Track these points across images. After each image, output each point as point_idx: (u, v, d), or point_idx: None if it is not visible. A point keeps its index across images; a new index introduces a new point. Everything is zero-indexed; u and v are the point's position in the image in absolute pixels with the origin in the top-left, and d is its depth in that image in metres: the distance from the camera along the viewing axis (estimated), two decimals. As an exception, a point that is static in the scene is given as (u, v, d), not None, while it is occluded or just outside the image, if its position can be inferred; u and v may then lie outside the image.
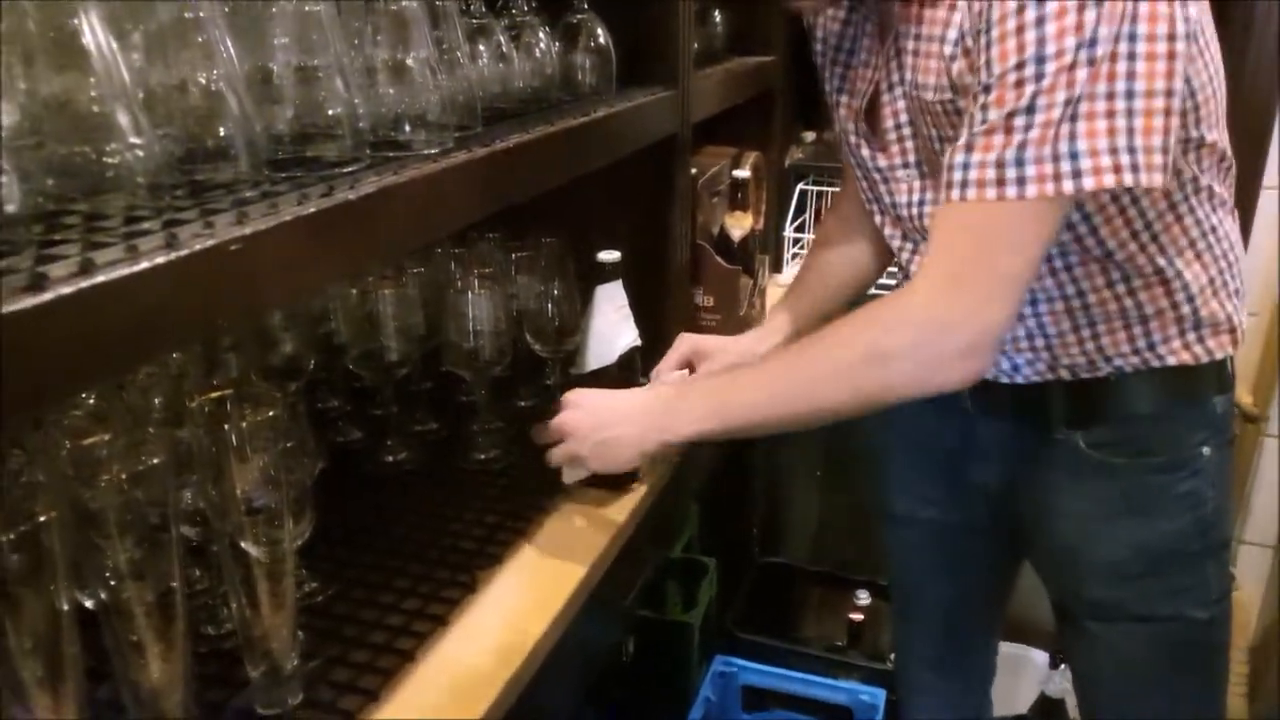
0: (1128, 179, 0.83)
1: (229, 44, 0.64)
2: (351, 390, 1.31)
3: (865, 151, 1.13)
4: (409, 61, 0.79)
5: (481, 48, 1.03)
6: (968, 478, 1.25)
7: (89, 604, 0.72)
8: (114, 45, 0.54)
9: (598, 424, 1.04)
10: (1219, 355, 1.06)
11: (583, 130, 1.05)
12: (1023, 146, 0.83)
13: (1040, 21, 0.81)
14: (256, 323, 1.02)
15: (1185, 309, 1.04)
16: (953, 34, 0.94)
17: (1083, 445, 1.09)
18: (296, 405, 0.99)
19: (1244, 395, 2.10)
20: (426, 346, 1.26)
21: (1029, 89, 0.82)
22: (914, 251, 1.14)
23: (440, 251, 1.27)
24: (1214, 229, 1.04)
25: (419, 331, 1.24)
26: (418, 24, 0.81)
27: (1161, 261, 1.01)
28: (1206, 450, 1.08)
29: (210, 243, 0.54)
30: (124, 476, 0.68)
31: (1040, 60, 0.81)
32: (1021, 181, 0.84)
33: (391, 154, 0.77)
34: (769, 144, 1.98)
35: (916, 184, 1.09)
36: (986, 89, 0.85)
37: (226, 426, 0.75)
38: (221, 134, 0.64)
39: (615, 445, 1.04)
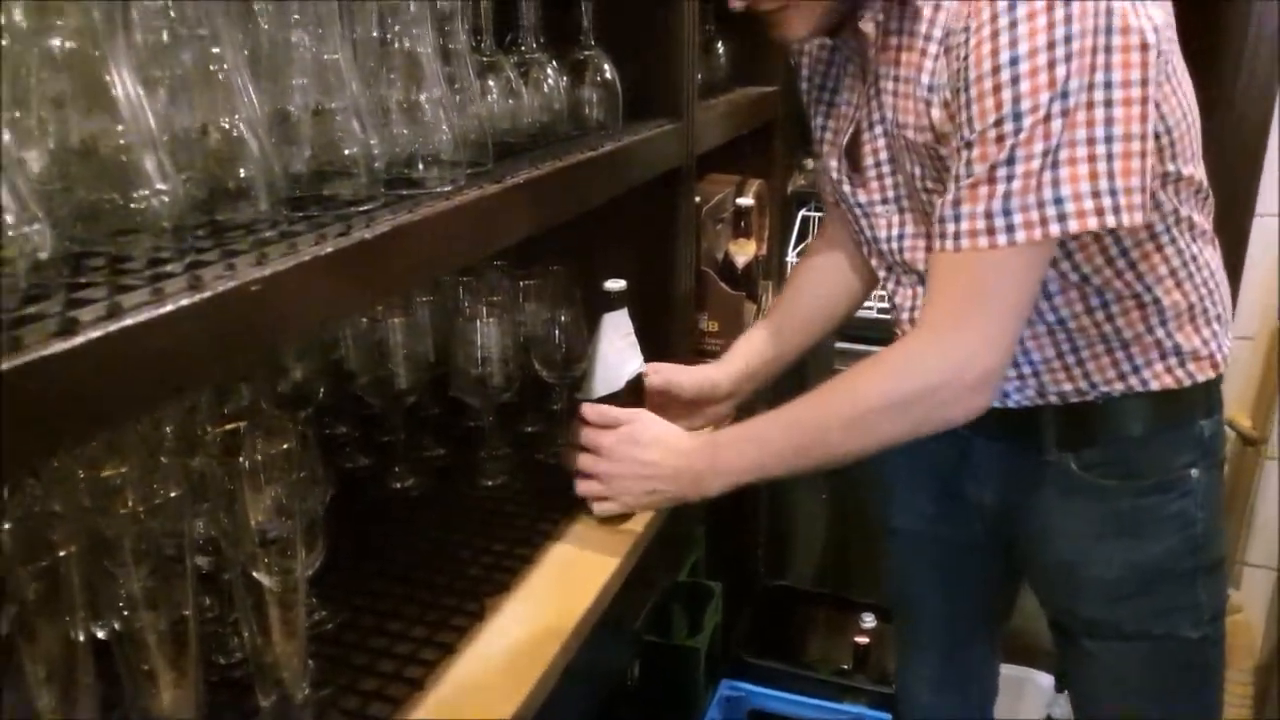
0: (1110, 220, 0.88)
1: (250, 87, 0.66)
2: (359, 416, 1.32)
3: (847, 187, 1.17)
4: (422, 101, 0.81)
5: (491, 83, 1.05)
6: (965, 497, 1.27)
7: (101, 634, 0.73)
8: (141, 92, 0.56)
9: (642, 475, 1.10)
10: (1200, 379, 1.09)
11: (590, 165, 1.07)
12: (1008, 196, 0.88)
13: (1015, 80, 0.86)
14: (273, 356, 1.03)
15: (1162, 334, 1.07)
16: (926, 79, 0.98)
17: (1074, 467, 1.13)
18: (307, 434, 1.00)
19: (1243, 418, 2.11)
20: (435, 373, 1.28)
21: (1008, 143, 0.87)
22: (897, 283, 1.17)
23: (449, 280, 1.29)
24: (1194, 258, 1.07)
25: (427, 359, 1.26)
26: (430, 64, 0.83)
27: (1140, 288, 1.05)
28: (1195, 472, 1.11)
29: (232, 284, 0.56)
30: (141, 509, 0.69)
31: (1017, 116, 0.86)
32: (1010, 229, 0.89)
33: (406, 192, 0.79)
34: (771, 171, 2.00)
35: (895, 219, 1.13)
36: (969, 145, 0.90)
37: (242, 459, 0.76)
38: (242, 175, 0.65)
39: (652, 498, 1.12)
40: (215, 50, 0.64)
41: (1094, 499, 1.13)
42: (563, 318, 1.29)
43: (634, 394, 1.19)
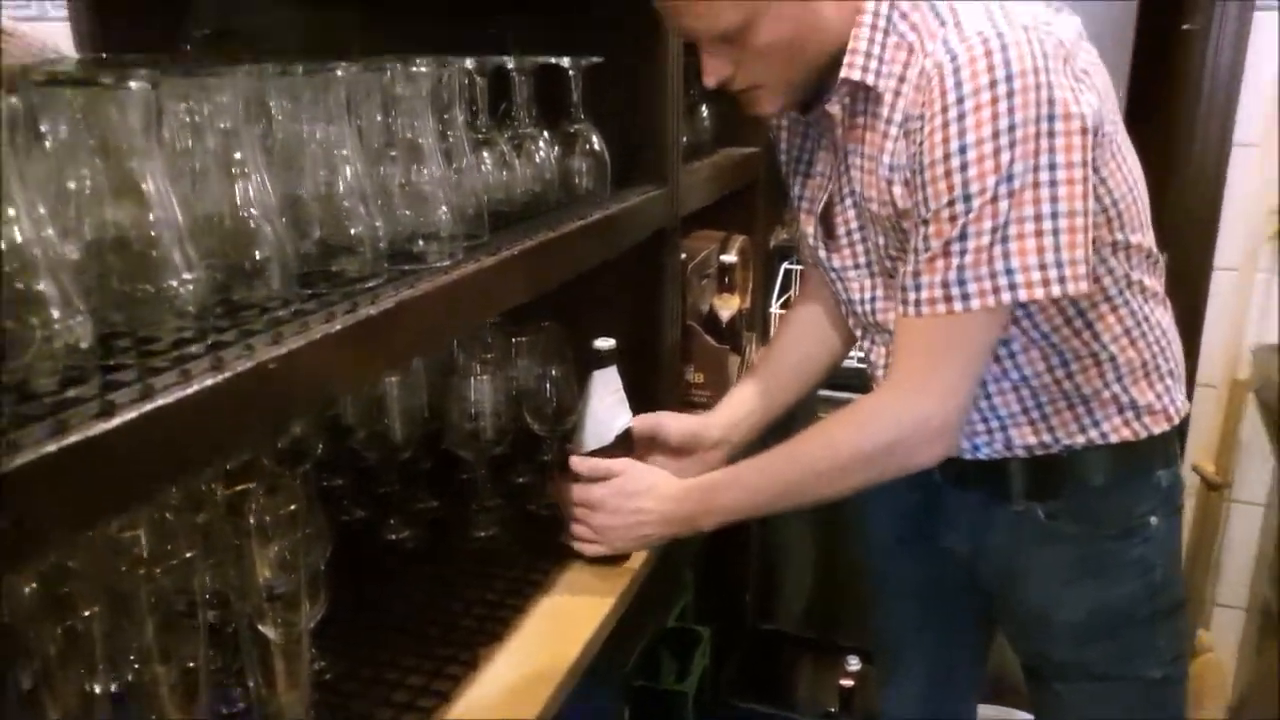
0: (1055, 290, 0.97)
1: (265, 175, 0.72)
2: (356, 469, 1.37)
3: (823, 252, 1.24)
4: (422, 182, 0.87)
5: (486, 156, 1.11)
6: (939, 543, 1.33)
7: (115, 686, 0.77)
8: (169, 189, 0.61)
9: (633, 523, 1.19)
10: (1156, 431, 1.16)
11: (580, 233, 1.13)
12: (961, 269, 0.97)
13: (964, 166, 0.94)
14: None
15: (1118, 389, 1.14)
16: (887, 159, 1.06)
17: (1041, 515, 1.19)
18: (309, 492, 1.05)
19: (1207, 464, 2.17)
20: (429, 427, 1.32)
21: (960, 221, 0.96)
22: (872, 341, 1.24)
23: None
24: (1145, 318, 1.14)
25: (422, 413, 1.31)
26: (429, 147, 0.89)
27: (1096, 347, 1.12)
28: (1154, 520, 1.17)
29: (250, 364, 0.61)
30: (157, 569, 0.74)
31: (967, 198, 0.95)
32: (965, 297, 0.98)
33: (407, 267, 0.85)
34: (754, 226, 2.07)
35: (867, 283, 1.20)
36: (925, 222, 0.99)
37: (250, 518, 0.81)
38: (257, 257, 0.71)
39: (642, 541, 1.22)
40: (234, 142, 0.70)
41: (1060, 546, 1.18)
42: (554, 372, 1.34)
43: (623, 447, 1.24)
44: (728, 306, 1.73)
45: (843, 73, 1.06)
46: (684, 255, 1.64)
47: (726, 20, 1.02)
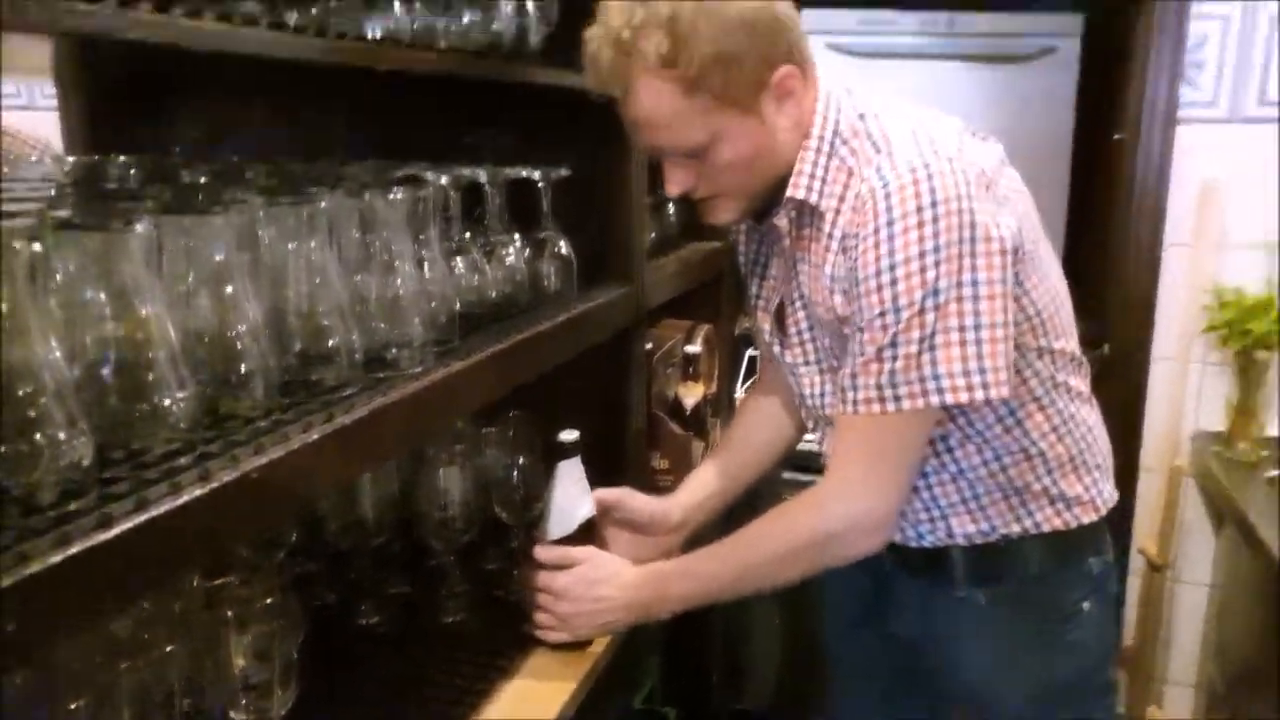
0: (978, 395, 1.06)
1: (251, 294, 0.79)
2: (327, 553, 1.41)
3: (777, 348, 1.33)
4: (397, 294, 0.94)
5: (459, 262, 1.18)
6: (891, 627, 1.39)
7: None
8: (166, 315, 0.68)
9: (596, 610, 1.24)
10: (1085, 521, 1.24)
11: (547, 334, 1.21)
12: (893, 373, 1.06)
13: (894, 281, 1.04)
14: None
15: (1048, 482, 1.22)
16: (829, 269, 1.15)
17: (982, 601, 1.26)
18: (284, 583, 1.09)
19: (1150, 546, 2.25)
20: (400, 513, 1.38)
21: (890, 330, 1.06)
22: (824, 433, 1.32)
23: (416, 429, 1.40)
24: (1072, 416, 1.23)
25: (394, 501, 1.36)
26: (404, 260, 0.97)
27: (1026, 443, 1.20)
28: (1087, 605, 1.25)
29: (235, 474, 0.68)
30: (140, 663, 0.79)
31: (896, 310, 1.05)
32: (897, 399, 1.07)
33: (381, 374, 0.91)
34: (719, 315, 2.16)
35: (817, 379, 1.28)
36: (861, 329, 1.08)
37: (229, 611, 0.86)
38: (242, 370, 0.77)
39: (606, 627, 1.27)
40: (224, 268, 0.77)
41: (1001, 630, 1.25)
42: (521, 462, 1.40)
43: (586, 536, 1.30)
44: (692, 394, 1.80)
45: (789, 191, 1.16)
46: (651, 345, 1.72)
47: (693, 139, 1.10)
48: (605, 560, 1.27)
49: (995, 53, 2.08)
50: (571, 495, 1.30)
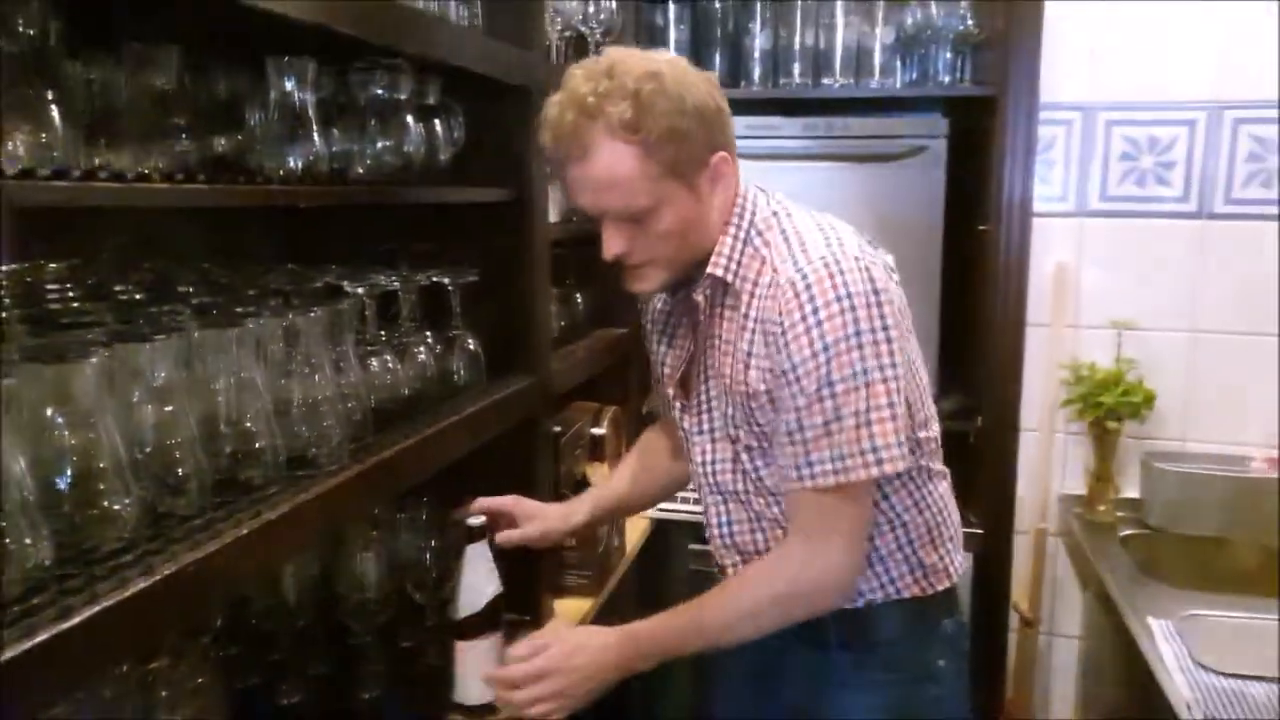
0: (900, 466, 1.21)
1: (188, 407, 0.90)
2: (250, 634, 1.48)
3: (677, 413, 1.45)
4: (316, 399, 1.06)
5: (374, 363, 1.30)
6: (774, 692, 1.49)
7: None
8: (115, 429, 0.79)
9: (582, 679, 1.26)
10: (940, 588, 1.38)
11: (456, 426, 1.33)
12: (841, 446, 1.20)
13: (828, 361, 1.18)
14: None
15: (909, 550, 1.36)
16: (745, 346, 1.27)
17: (850, 665, 1.38)
18: (209, 661, 1.17)
19: (1022, 602, 2.42)
20: (321, 595, 1.46)
21: (829, 406, 1.19)
22: (709, 500, 1.43)
23: (335, 515, 1.50)
24: (931, 491, 1.38)
25: (315, 584, 1.44)
26: (324, 367, 1.08)
27: (892, 515, 1.34)
28: (943, 663, 1.39)
29: (174, 568, 0.78)
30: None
31: (831, 385, 1.18)
32: (848, 470, 1.20)
33: (302, 473, 1.02)
34: (627, 396, 2.30)
35: (709, 447, 1.39)
36: (799, 410, 1.21)
37: (163, 693, 0.95)
38: (180, 474, 0.88)
39: (592, 694, 1.28)
40: (166, 387, 0.88)
41: (868, 691, 1.38)
42: (433, 544, 1.50)
43: (493, 614, 1.40)
44: (598, 474, 1.93)
45: (709, 268, 1.28)
46: (559, 428, 1.85)
47: (639, 203, 1.21)
48: (570, 633, 1.34)
49: (871, 153, 2.29)
50: (479, 575, 1.40)
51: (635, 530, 2.24)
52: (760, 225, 1.29)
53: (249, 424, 0.96)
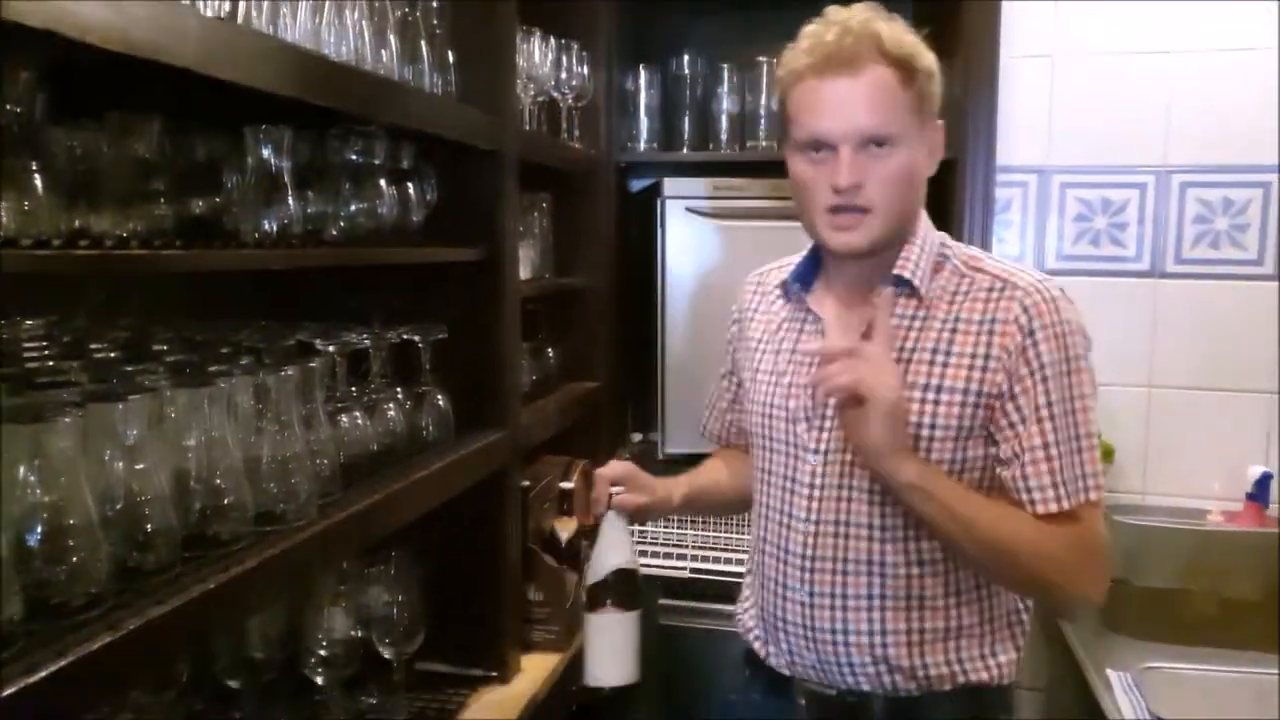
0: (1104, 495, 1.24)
1: (159, 465, 0.92)
2: (216, 689, 1.48)
3: (783, 427, 1.36)
4: (285, 455, 1.08)
5: (344, 419, 1.33)
6: None
7: None
8: (87, 487, 0.81)
9: (890, 388, 1.18)
10: (1007, 680, 1.31)
11: (423, 481, 1.35)
12: (1084, 464, 1.21)
13: (1069, 373, 1.22)
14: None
15: (989, 627, 1.30)
16: (950, 346, 1.25)
17: None
18: (173, 716, 1.18)
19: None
20: (288, 650, 1.47)
21: (1071, 419, 1.22)
22: (784, 526, 1.34)
23: (304, 569, 1.51)
24: None
25: (281, 639, 1.45)
26: (293, 423, 1.11)
27: (983, 580, 1.29)
28: None
29: (140, 622, 0.80)
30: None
31: (1070, 400, 1.22)
32: (1097, 488, 1.22)
33: (270, 528, 1.04)
34: (597, 449, 2.32)
35: (820, 468, 1.31)
36: (1038, 411, 1.21)
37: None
38: (149, 530, 0.90)
39: (888, 417, 1.18)
40: (138, 445, 0.90)
41: None
42: (400, 598, 1.52)
43: (620, 587, 1.32)
44: (566, 529, 1.95)
45: (895, 269, 1.27)
46: (528, 482, 1.87)
47: (889, 128, 1.21)
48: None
49: (834, 214, 2.36)
50: (605, 544, 1.36)
51: (605, 584, 2.25)
52: (944, 241, 1.33)
53: (219, 480, 0.99)
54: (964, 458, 1.26)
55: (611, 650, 1.30)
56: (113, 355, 1.11)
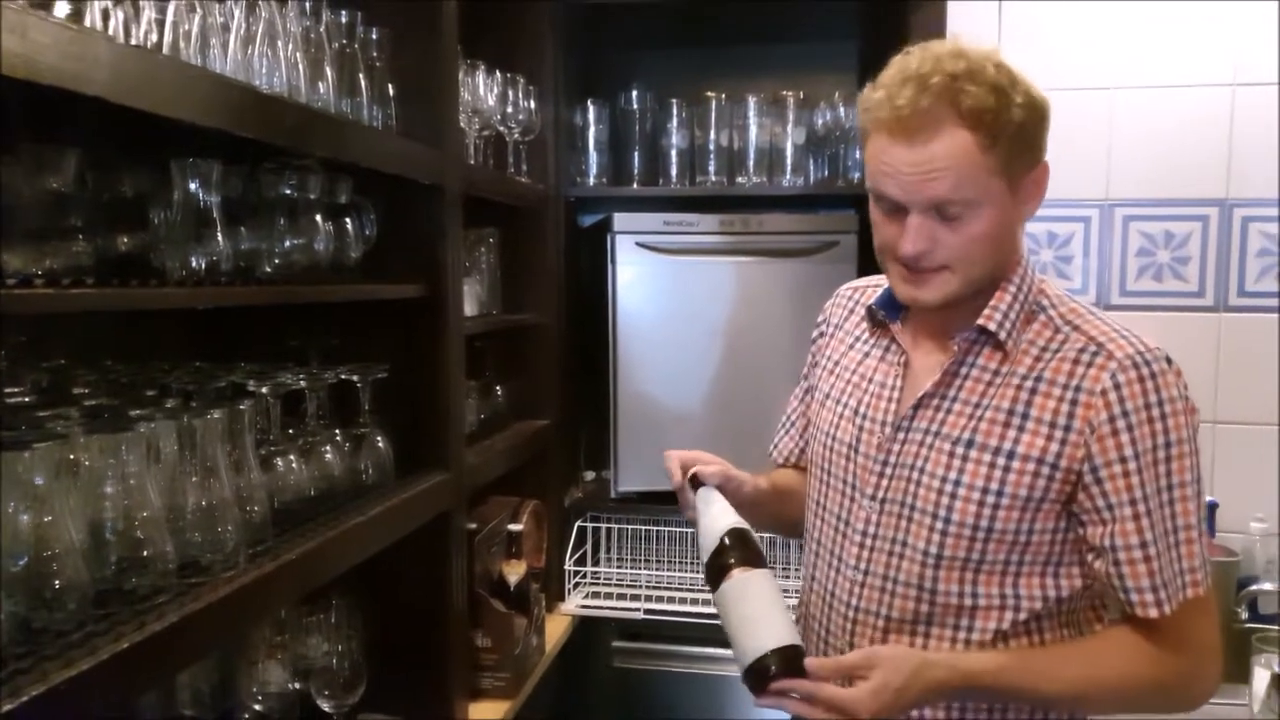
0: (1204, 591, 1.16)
1: (69, 516, 0.87)
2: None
3: (842, 464, 1.29)
4: (211, 503, 1.03)
5: (278, 463, 1.27)
6: None
7: None
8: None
9: (912, 672, 1.12)
10: None
11: (362, 526, 1.30)
12: (1194, 555, 1.14)
13: (1168, 459, 1.12)
14: None
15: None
16: (1028, 410, 1.16)
17: None
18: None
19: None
20: (221, 709, 1.40)
21: (1170, 510, 1.14)
22: (832, 568, 1.28)
23: (238, 620, 1.45)
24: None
25: (213, 694, 1.38)
26: (221, 469, 1.06)
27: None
28: None
29: (44, 688, 0.74)
30: None
31: (1170, 489, 1.13)
32: (1199, 583, 1.15)
33: (194, 580, 0.99)
34: (548, 489, 2.28)
35: (875, 517, 1.24)
36: (1134, 504, 1.13)
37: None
38: (56, 587, 0.84)
39: (914, 696, 1.13)
40: (45, 495, 0.85)
41: None
42: (341, 648, 1.46)
43: (741, 546, 1.21)
44: (515, 572, 1.89)
45: (980, 319, 1.18)
46: (475, 525, 1.82)
47: (965, 194, 1.10)
48: (889, 656, 1.14)
49: (784, 248, 2.35)
50: (710, 515, 1.25)
51: (556, 628, 2.20)
52: (1044, 289, 1.22)
53: (137, 530, 0.93)
54: (1030, 529, 1.17)
55: (758, 613, 1.16)
56: (26, 400, 1.06)
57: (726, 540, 1.20)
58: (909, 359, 1.28)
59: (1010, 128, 1.10)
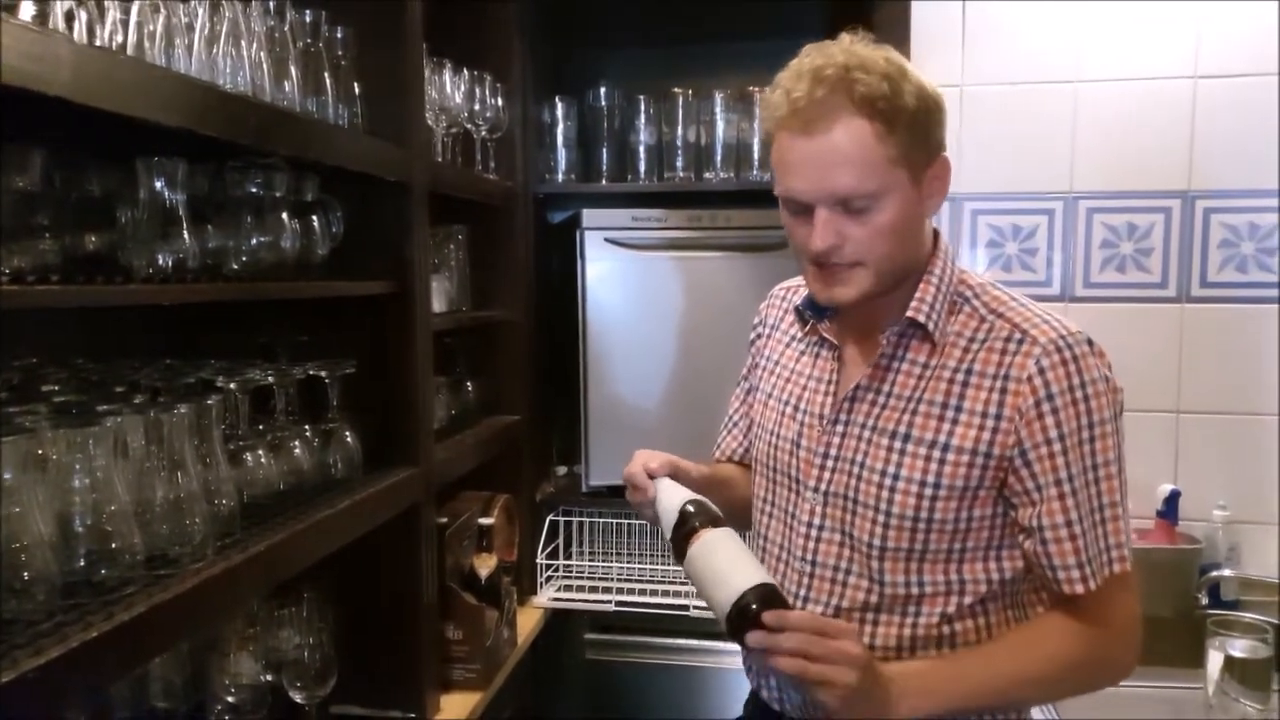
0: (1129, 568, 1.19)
1: (37, 506, 0.88)
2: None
3: (785, 458, 1.32)
4: (179, 496, 1.05)
5: (247, 457, 1.29)
6: None
7: None
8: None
9: (861, 668, 1.10)
10: None
11: (330, 519, 1.32)
12: (1119, 532, 1.18)
13: (1092, 439, 1.15)
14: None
15: None
16: (960, 401, 1.18)
17: None
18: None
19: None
20: (194, 701, 1.41)
21: (1098, 488, 1.17)
22: (782, 560, 1.31)
23: (209, 615, 1.46)
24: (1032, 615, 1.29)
25: (185, 686, 1.40)
26: (188, 466, 1.07)
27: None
28: None
29: (14, 675, 0.76)
30: None
31: (1095, 469, 1.16)
32: (1124, 559, 1.18)
33: (162, 571, 1.01)
34: (519, 484, 2.30)
35: (818, 508, 1.27)
36: (1059, 485, 1.15)
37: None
38: (25, 577, 0.86)
39: (859, 696, 1.11)
40: (10, 485, 0.86)
41: None
42: (312, 640, 1.47)
43: (701, 514, 1.22)
44: (485, 565, 1.92)
45: (908, 312, 1.20)
46: (445, 520, 1.84)
47: (867, 186, 1.12)
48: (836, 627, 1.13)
49: (750, 243, 2.38)
50: (666, 497, 1.28)
51: (529, 620, 2.23)
52: (965, 279, 1.24)
53: (105, 523, 0.95)
54: (969, 516, 1.20)
55: (728, 563, 1.17)
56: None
57: (689, 508, 1.23)
58: (842, 353, 1.31)
59: (905, 115, 1.12)
